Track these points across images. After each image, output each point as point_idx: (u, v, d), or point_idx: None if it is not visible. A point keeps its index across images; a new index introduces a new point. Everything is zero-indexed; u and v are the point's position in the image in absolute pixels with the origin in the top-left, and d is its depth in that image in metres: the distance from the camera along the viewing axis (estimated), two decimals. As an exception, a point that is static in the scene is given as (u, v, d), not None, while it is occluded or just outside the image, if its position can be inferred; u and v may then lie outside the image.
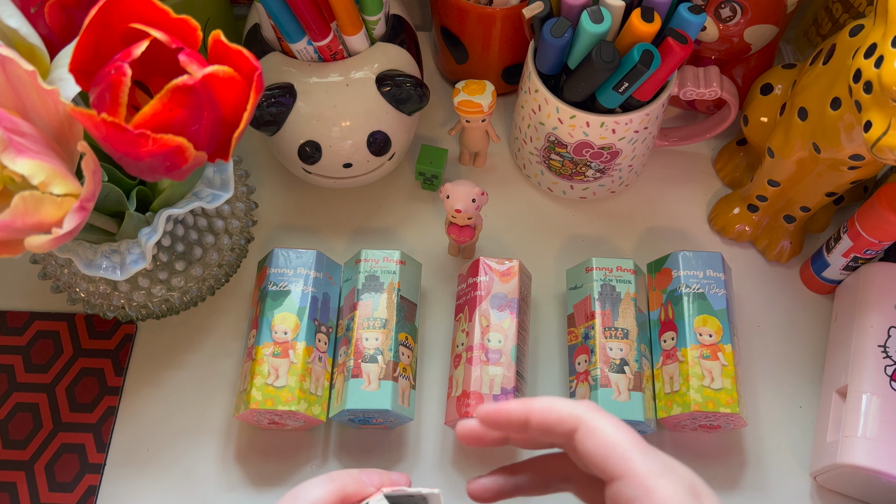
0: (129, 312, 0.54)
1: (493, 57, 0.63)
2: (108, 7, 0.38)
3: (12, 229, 0.36)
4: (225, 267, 0.56)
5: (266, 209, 0.62)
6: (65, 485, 0.52)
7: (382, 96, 0.55)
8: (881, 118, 0.42)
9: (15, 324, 0.57)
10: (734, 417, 0.50)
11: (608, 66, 0.49)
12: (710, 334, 0.51)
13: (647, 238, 0.62)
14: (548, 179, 0.62)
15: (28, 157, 0.35)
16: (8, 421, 0.54)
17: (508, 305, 0.52)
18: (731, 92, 0.57)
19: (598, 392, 0.49)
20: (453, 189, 0.54)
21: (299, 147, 0.55)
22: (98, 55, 0.39)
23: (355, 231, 0.62)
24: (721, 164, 0.65)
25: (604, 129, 0.55)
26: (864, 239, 0.53)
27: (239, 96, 0.40)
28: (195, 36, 0.40)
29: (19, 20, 0.40)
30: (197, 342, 0.57)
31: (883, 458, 0.48)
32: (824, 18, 0.62)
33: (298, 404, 0.49)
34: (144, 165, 0.38)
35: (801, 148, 0.52)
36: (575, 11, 0.51)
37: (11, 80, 0.37)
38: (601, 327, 0.52)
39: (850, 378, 0.51)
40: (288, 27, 0.53)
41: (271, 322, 0.51)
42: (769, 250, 0.60)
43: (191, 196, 0.47)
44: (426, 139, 0.66)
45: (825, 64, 0.49)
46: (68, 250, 0.46)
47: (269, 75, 0.55)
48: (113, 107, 0.37)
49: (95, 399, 0.55)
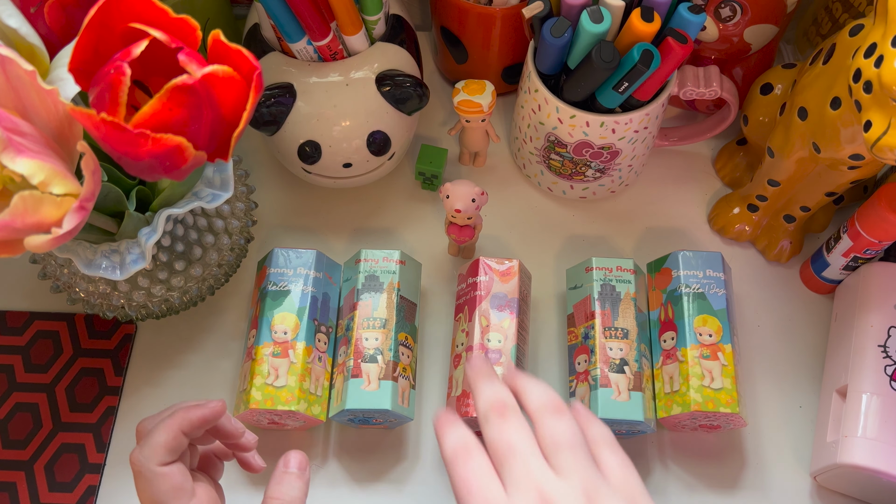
0: (128, 312, 0.54)
1: (493, 57, 0.63)
2: (107, 7, 0.38)
3: (12, 229, 0.36)
4: (225, 267, 0.56)
5: (266, 209, 0.62)
6: (65, 485, 0.52)
7: (382, 96, 0.55)
8: (881, 118, 0.42)
9: (15, 324, 0.57)
10: (734, 417, 0.50)
11: (608, 66, 0.49)
12: (709, 334, 0.51)
13: (647, 238, 0.62)
14: (548, 179, 0.62)
15: (28, 157, 0.35)
16: (8, 421, 0.54)
17: (508, 305, 0.52)
18: (730, 92, 0.57)
19: (598, 392, 0.49)
20: (453, 189, 0.54)
21: (299, 147, 0.55)
22: (98, 55, 0.39)
23: (355, 231, 0.62)
24: (721, 163, 0.65)
25: (604, 129, 0.55)
26: (864, 239, 0.53)
27: (239, 96, 0.40)
28: (195, 36, 0.40)
29: (19, 20, 0.40)
30: (197, 342, 0.57)
31: (883, 458, 0.47)
32: (824, 18, 0.62)
33: (298, 404, 0.49)
34: (144, 165, 0.38)
35: (800, 148, 0.52)
36: (575, 11, 0.51)
37: (11, 79, 0.37)
38: (601, 327, 0.52)
39: (850, 378, 0.51)
40: (288, 27, 0.53)
41: (271, 322, 0.51)
42: (769, 250, 0.60)
43: (190, 196, 0.47)
44: (426, 139, 0.66)
45: (825, 64, 0.49)
46: (68, 250, 0.46)
47: (269, 75, 0.55)
48: (112, 106, 0.37)
49: (95, 399, 0.55)
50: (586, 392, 0.50)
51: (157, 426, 0.39)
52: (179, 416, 0.40)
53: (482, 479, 0.34)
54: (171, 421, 0.39)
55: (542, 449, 0.35)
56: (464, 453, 0.35)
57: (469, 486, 0.34)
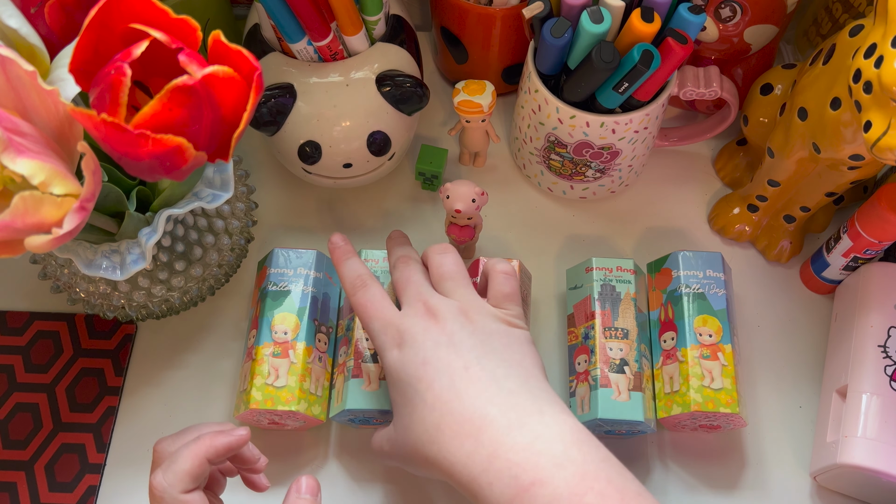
0: (129, 312, 0.54)
1: (493, 57, 0.63)
2: (107, 7, 0.38)
3: (12, 229, 0.36)
4: (225, 267, 0.56)
5: (266, 209, 0.62)
6: (65, 485, 0.52)
7: (382, 96, 0.55)
8: (881, 118, 0.42)
9: (15, 324, 0.58)
10: (734, 417, 0.50)
11: (608, 66, 0.49)
12: (710, 334, 0.51)
13: (647, 238, 0.62)
14: (548, 179, 0.62)
15: (28, 158, 0.35)
16: (8, 421, 0.54)
17: (508, 305, 0.52)
18: (731, 92, 0.57)
19: (598, 392, 0.49)
20: (453, 189, 0.54)
21: (299, 147, 0.55)
22: (98, 55, 0.39)
23: (355, 231, 0.62)
24: (721, 164, 0.65)
25: (604, 129, 0.55)
26: (864, 239, 0.53)
27: (239, 96, 0.40)
28: (195, 36, 0.40)
29: (19, 20, 0.40)
30: (197, 342, 0.57)
31: (883, 458, 0.48)
32: (824, 18, 0.62)
33: (298, 404, 0.49)
34: (144, 165, 0.38)
35: (801, 148, 0.52)
36: (575, 11, 0.51)
37: (11, 80, 0.37)
38: (601, 327, 0.52)
39: (850, 378, 0.51)
40: (288, 27, 0.53)
41: (271, 322, 0.51)
42: (769, 250, 0.60)
43: (191, 196, 0.47)
44: (426, 139, 0.66)
45: (825, 64, 0.49)
46: (68, 250, 0.46)
47: (269, 75, 0.55)
48: (113, 107, 0.37)
49: (95, 399, 0.55)
50: (586, 392, 0.50)
51: (181, 452, 0.39)
52: (206, 444, 0.40)
53: (379, 302, 0.45)
54: (196, 448, 0.39)
55: (431, 280, 0.46)
56: (360, 284, 0.46)
57: (367, 310, 0.45)
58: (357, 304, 0.45)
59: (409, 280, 0.46)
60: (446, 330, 0.42)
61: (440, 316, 0.43)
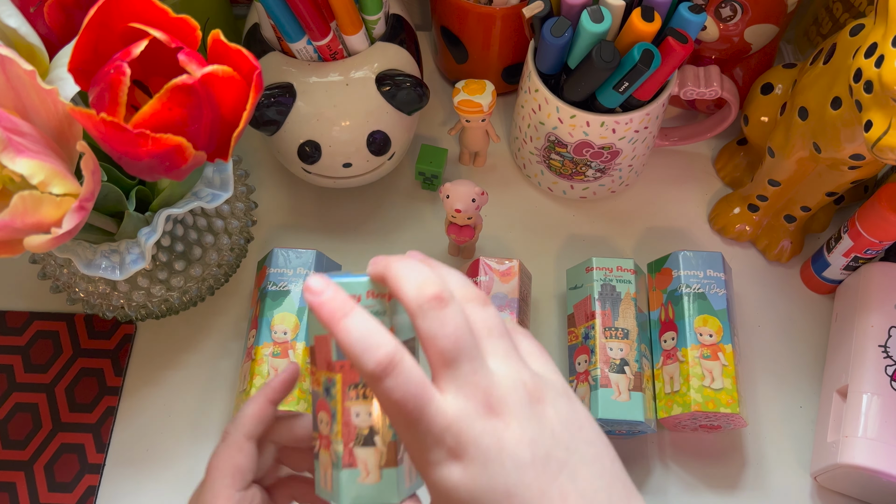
0: (128, 312, 0.54)
1: (493, 56, 0.63)
2: (107, 7, 0.38)
3: (12, 229, 0.36)
4: (224, 267, 0.56)
5: (266, 209, 0.62)
6: (64, 485, 0.52)
7: (382, 96, 0.55)
8: (881, 118, 0.42)
9: (14, 324, 0.57)
10: (734, 417, 0.50)
11: (608, 66, 0.49)
12: (710, 334, 0.51)
13: (647, 238, 0.62)
14: (548, 179, 0.62)
15: (27, 157, 0.35)
16: (7, 421, 0.54)
17: (508, 305, 0.52)
18: (731, 91, 0.57)
19: (599, 392, 0.49)
20: (453, 189, 0.54)
21: (299, 147, 0.55)
22: (97, 55, 0.39)
23: (355, 231, 0.62)
24: (721, 163, 0.64)
25: (604, 129, 0.55)
26: (865, 239, 0.53)
27: (238, 96, 0.40)
28: (194, 35, 0.40)
29: (19, 20, 0.40)
30: (197, 342, 0.57)
31: (883, 458, 0.47)
32: (825, 18, 0.62)
33: (298, 404, 0.49)
34: (144, 165, 0.38)
35: (801, 147, 0.52)
36: (575, 11, 0.51)
37: (11, 79, 0.37)
38: (601, 327, 0.52)
39: (850, 378, 0.51)
40: (288, 27, 0.53)
41: (271, 322, 0.51)
42: (769, 250, 0.60)
43: (190, 196, 0.47)
44: (426, 139, 0.66)
45: (825, 63, 0.49)
46: (68, 250, 0.46)
47: (269, 75, 0.55)
48: (112, 106, 0.37)
49: (95, 399, 0.55)
50: (586, 392, 0.50)
51: (245, 403, 0.39)
52: (263, 389, 0.39)
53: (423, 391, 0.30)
54: (256, 395, 0.39)
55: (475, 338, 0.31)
56: (391, 365, 0.30)
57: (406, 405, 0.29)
58: (390, 397, 0.29)
59: (453, 337, 0.30)
60: (525, 438, 0.30)
61: (507, 412, 0.30)
